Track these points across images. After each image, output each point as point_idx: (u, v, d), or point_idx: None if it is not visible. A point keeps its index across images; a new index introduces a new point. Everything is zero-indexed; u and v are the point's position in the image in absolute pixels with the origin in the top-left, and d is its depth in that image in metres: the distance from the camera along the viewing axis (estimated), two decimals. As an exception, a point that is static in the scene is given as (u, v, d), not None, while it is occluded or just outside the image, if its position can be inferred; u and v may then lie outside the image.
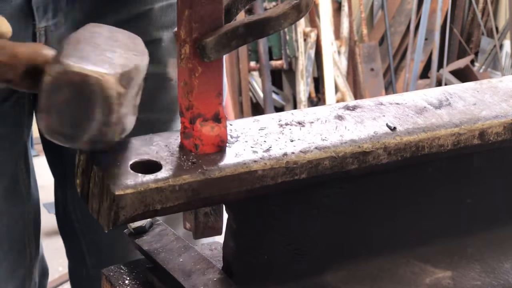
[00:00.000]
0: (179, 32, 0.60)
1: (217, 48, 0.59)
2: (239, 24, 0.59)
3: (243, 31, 0.59)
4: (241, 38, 0.59)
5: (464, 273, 0.72)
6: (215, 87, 0.61)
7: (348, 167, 0.65)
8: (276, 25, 0.60)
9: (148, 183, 0.57)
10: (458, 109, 0.73)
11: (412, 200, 0.72)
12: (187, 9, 0.58)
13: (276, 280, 0.67)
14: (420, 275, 0.71)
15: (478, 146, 0.71)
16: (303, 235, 0.67)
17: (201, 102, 0.61)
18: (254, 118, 0.69)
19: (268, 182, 0.61)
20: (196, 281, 0.63)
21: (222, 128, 0.62)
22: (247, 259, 0.66)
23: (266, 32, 0.60)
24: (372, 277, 0.70)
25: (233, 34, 0.59)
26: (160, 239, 0.69)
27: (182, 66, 0.61)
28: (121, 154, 0.60)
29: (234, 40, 0.59)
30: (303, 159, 0.63)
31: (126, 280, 0.68)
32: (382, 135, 0.67)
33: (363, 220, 0.70)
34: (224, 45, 0.59)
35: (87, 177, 0.59)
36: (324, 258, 0.69)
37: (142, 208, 0.57)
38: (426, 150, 0.68)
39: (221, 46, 0.59)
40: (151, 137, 0.63)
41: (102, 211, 0.58)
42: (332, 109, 0.71)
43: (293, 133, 0.66)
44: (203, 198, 0.59)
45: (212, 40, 0.58)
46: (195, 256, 0.66)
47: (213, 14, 0.59)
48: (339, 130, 0.67)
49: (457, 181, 0.74)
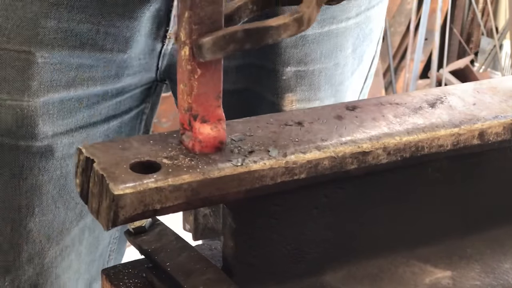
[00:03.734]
0: (179, 33, 0.60)
1: (213, 49, 0.58)
2: (238, 28, 0.59)
3: (242, 36, 0.59)
4: (239, 42, 0.59)
5: (464, 273, 0.72)
6: (214, 89, 0.61)
7: (348, 167, 0.65)
8: (275, 35, 0.60)
9: (147, 183, 0.57)
10: (458, 109, 0.73)
11: (412, 200, 0.72)
12: (187, 10, 0.58)
13: (276, 280, 0.67)
14: (420, 275, 0.71)
15: (477, 146, 0.71)
16: (302, 235, 0.67)
17: (201, 103, 0.61)
18: (254, 118, 0.69)
19: (267, 182, 0.62)
20: (196, 281, 0.63)
21: (221, 129, 0.62)
22: (247, 259, 0.66)
23: (264, 40, 0.60)
24: (372, 277, 0.70)
25: (231, 37, 0.58)
26: (160, 238, 0.69)
27: (182, 67, 0.61)
28: (121, 154, 0.60)
29: (231, 43, 0.59)
30: (302, 159, 0.63)
31: (125, 279, 0.68)
32: (382, 135, 0.67)
33: (363, 220, 0.70)
34: (220, 47, 0.58)
35: (87, 177, 0.59)
36: (324, 258, 0.69)
37: (142, 207, 0.57)
38: (426, 150, 0.68)
39: (218, 47, 0.58)
40: (150, 137, 0.63)
41: (101, 210, 0.58)
42: (332, 109, 0.71)
43: (292, 133, 0.66)
44: (203, 198, 0.59)
45: (209, 41, 0.58)
46: (195, 256, 0.66)
47: (213, 16, 0.59)
48: (339, 130, 0.67)
49: (457, 181, 0.74)
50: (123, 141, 0.62)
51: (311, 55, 1.01)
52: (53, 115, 0.93)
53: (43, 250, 0.99)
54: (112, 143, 0.62)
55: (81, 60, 0.92)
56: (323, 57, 1.02)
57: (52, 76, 0.91)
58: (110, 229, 0.58)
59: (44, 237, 0.98)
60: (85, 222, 1.02)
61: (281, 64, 1.00)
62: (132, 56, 0.94)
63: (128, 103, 1.02)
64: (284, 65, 1.00)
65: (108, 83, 0.96)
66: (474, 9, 4.30)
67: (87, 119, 0.97)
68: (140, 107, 1.05)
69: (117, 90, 0.98)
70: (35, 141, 0.93)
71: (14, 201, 0.95)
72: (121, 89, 0.99)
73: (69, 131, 0.96)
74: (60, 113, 0.94)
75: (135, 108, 1.04)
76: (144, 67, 0.98)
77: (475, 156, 0.73)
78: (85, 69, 0.93)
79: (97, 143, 0.62)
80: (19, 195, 0.95)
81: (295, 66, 1.00)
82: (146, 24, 0.92)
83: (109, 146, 0.61)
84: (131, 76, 0.98)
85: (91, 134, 0.98)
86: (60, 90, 0.93)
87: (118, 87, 0.98)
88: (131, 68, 0.96)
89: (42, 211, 0.96)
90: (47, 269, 1.00)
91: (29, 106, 0.91)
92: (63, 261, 1.01)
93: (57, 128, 0.94)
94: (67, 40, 0.90)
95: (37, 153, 0.93)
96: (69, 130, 0.96)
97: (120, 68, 0.96)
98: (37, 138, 0.93)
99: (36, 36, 0.89)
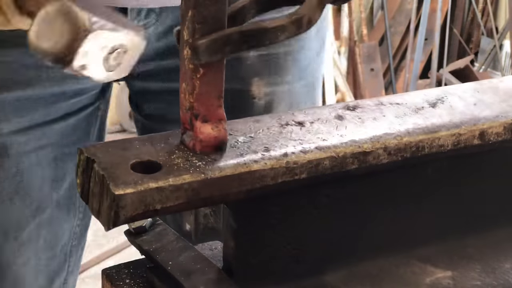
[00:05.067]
0: (182, 32, 0.60)
1: (209, 51, 0.58)
2: (234, 30, 0.58)
3: (238, 38, 0.58)
4: (235, 44, 0.58)
5: (464, 273, 0.72)
6: (216, 88, 0.61)
7: (348, 167, 0.65)
8: (272, 37, 0.59)
9: (148, 182, 0.57)
10: (458, 109, 0.73)
11: (412, 200, 0.72)
12: (190, 9, 0.58)
13: (276, 280, 0.67)
14: (420, 275, 0.71)
15: (478, 146, 0.71)
16: (303, 235, 0.67)
17: (202, 103, 0.61)
18: (254, 118, 0.69)
19: (268, 182, 0.62)
20: (196, 281, 0.63)
21: (222, 129, 0.62)
22: (247, 259, 0.66)
23: (261, 43, 0.59)
24: (372, 277, 0.70)
25: (228, 39, 0.58)
26: (160, 238, 0.69)
27: (184, 66, 0.61)
28: (121, 154, 0.60)
29: (228, 45, 0.58)
30: (303, 159, 0.63)
31: (126, 279, 0.68)
32: (382, 135, 0.67)
33: (363, 220, 0.70)
34: (216, 50, 0.58)
35: (87, 177, 0.59)
36: (324, 258, 0.69)
37: (142, 207, 0.57)
38: (426, 150, 0.68)
39: (213, 50, 0.58)
40: (151, 137, 0.63)
41: (102, 210, 0.58)
42: (332, 109, 0.71)
43: (293, 133, 0.66)
44: (203, 198, 0.59)
45: (205, 43, 0.58)
46: (195, 256, 0.66)
47: (216, 15, 0.58)
48: (339, 130, 0.67)
49: (457, 181, 0.74)
50: (124, 141, 0.62)
51: None
52: (8, 113, 0.93)
53: (1, 247, 0.98)
54: (113, 143, 0.62)
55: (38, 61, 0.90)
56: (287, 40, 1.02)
57: (8, 74, 0.90)
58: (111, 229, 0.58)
59: (1, 233, 0.98)
60: (42, 218, 1.02)
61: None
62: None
63: (85, 101, 1.02)
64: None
65: (66, 84, 0.96)
66: (474, 9, 4.30)
67: (43, 117, 0.96)
68: (95, 104, 1.05)
69: (74, 91, 0.98)
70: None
71: None
72: (79, 91, 0.99)
73: (24, 129, 0.95)
74: (15, 111, 0.93)
75: (91, 106, 1.04)
76: None
77: (476, 156, 0.73)
78: (43, 70, 0.92)
79: (98, 143, 0.62)
80: None
81: (257, 50, 0.99)
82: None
83: (109, 146, 0.61)
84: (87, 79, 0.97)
85: (47, 131, 0.97)
86: (16, 89, 0.92)
87: (76, 88, 0.98)
88: None
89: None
90: (5, 265, 1.00)
91: None
92: (21, 257, 1.01)
93: (12, 126, 0.94)
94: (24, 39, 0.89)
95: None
96: (25, 128, 0.95)
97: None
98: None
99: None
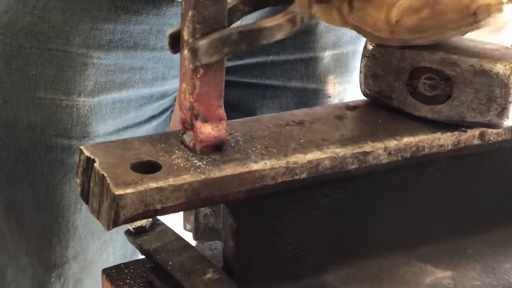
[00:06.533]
0: (182, 32, 0.60)
1: (209, 52, 0.58)
2: (232, 30, 0.59)
3: (236, 38, 0.59)
4: (233, 44, 0.59)
5: (465, 273, 0.72)
6: (216, 88, 0.61)
7: (348, 167, 0.65)
8: (269, 36, 0.60)
9: (148, 182, 0.57)
10: (459, 109, 0.73)
11: (412, 200, 0.72)
12: (190, 9, 0.58)
13: (276, 280, 0.67)
14: (421, 275, 0.71)
15: (478, 146, 0.71)
16: (303, 235, 0.67)
17: (202, 102, 0.61)
18: (254, 118, 0.69)
19: (268, 182, 0.62)
20: (196, 281, 0.63)
21: (222, 129, 0.62)
22: (248, 259, 0.66)
23: (258, 42, 0.59)
24: (372, 277, 0.70)
25: (226, 39, 0.58)
26: (160, 238, 0.69)
27: (184, 66, 0.61)
28: (122, 154, 0.60)
29: (226, 46, 0.58)
30: (303, 159, 0.63)
31: (126, 279, 0.68)
32: (382, 135, 0.67)
33: (363, 220, 0.70)
34: (216, 50, 0.58)
35: (87, 177, 0.59)
36: (324, 258, 0.69)
37: (143, 207, 0.57)
38: (426, 150, 0.68)
39: (213, 50, 0.58)
40: (151, 137, 0.63)
41: (102, 210, 0.58)
42: (333, 109, 0.71)
43: (293, 133, 0.66)
44: (204, 197, 0.59)
45: (204, 44, 0.58)
46: (195, 256, 0.66)
47: (217, 15, 0.59)
48: (340, 130, 0.67)
49: (457, 181, 0.74)
50: (124, 141, 0.62)
51: (343, 38, 1.06)
52: (105, 115, 0.97)
53: (87, 246, 1.01)
54: (113, 143, 0.62)
55: (133, 62, 0.96)
56: (353, 39, 1.06)
57: (107, 77, 0.95)
58: (111, 229, 0.58)
59: (89, 233, 1.01)
60: None
61: (320, 50, 1.04)
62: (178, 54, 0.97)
63: (167, 103, 1.07)
64: (323, 50, 1.04)
65: (155, 86, 1.00)
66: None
67: (133, 119, 1.01)
68: (172, 106, 1.10)
69: (161, 93, 1.03)
70: (88, 140, 0.96)
71: (65, 199, 0.98)
72: (164, 92, 1.03)
73: (117, 131, 0.99)
74: (111, 113, 0.97)
75: (169, 108, 1.09)
76: None
77: (476, 156, 0.73)
78: (136, 71, 0.97)
79: (98, 143, 0.62)
80: (69, 192, 0.98)
81: (331, 50, 1.05)
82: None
83: (110, 146, 0.61)
84: (176, 79, 1.01)
85: (136, 133, 1.01)
86: (113, 91, 0.96)
87: (162, 90, 1.02)
88: (176, 68, 0.99)
89: (88, 207, 0.99)
90: (89, 264, 1.03)
91: (84, 106, 0.94)
92: (102, 254, 1.04)
93: (108, 127, 0.98)
94: (123, 41, 0.93)
95: None
96: (118, 130, 0.99)
97: (167, 69, 0.99)
98: (89, 137, 0.96)
99: (93, 37, 0.92)
